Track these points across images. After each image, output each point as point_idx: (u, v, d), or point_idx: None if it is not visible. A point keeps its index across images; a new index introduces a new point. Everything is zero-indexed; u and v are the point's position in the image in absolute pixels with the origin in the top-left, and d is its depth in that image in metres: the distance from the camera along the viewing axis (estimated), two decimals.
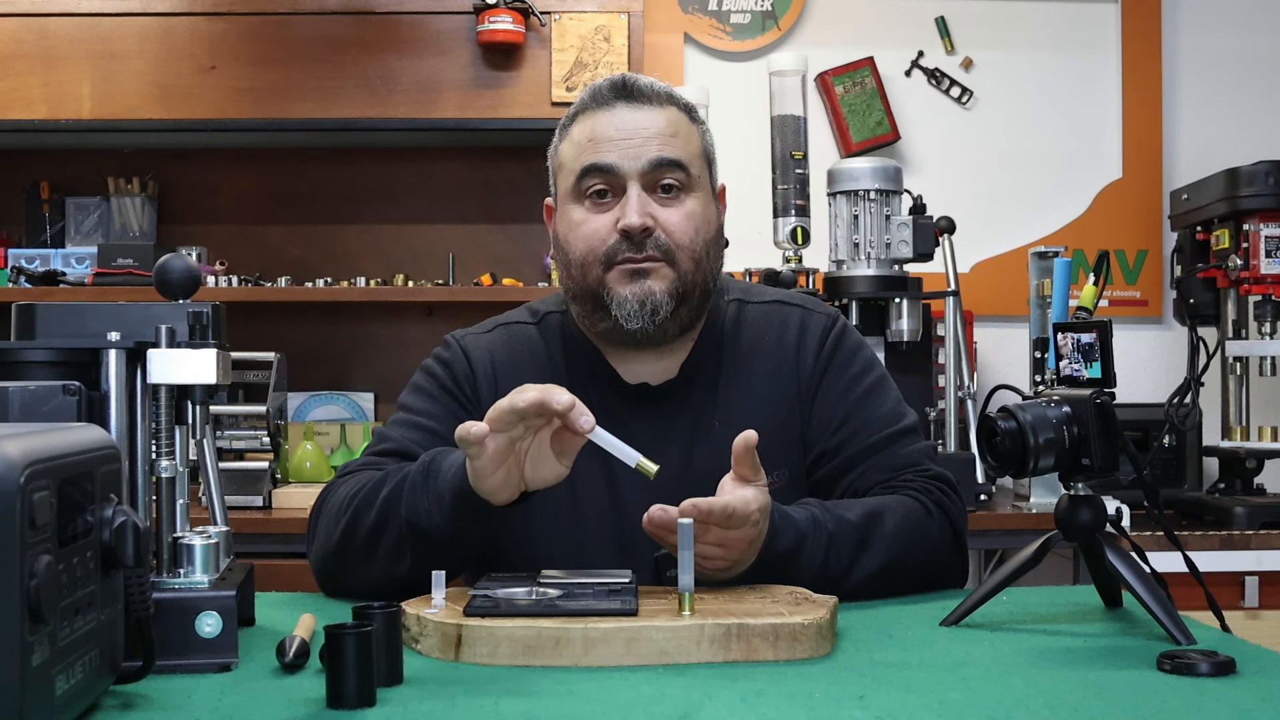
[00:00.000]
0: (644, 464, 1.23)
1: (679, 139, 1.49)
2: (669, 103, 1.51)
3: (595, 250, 1.48)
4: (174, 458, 1.11)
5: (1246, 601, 2.60)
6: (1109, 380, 1.21)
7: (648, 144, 1.47)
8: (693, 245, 1.48)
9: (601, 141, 1.48)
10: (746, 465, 1.26)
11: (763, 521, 1.28)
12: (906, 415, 1.56)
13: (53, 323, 1.14)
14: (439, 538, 1.32)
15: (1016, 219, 3.40)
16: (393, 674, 1.01)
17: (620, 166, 1.47)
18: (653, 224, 1.46)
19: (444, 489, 1.31)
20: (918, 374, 2.85)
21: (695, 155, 1.51)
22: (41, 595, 0.78)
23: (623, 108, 1.49)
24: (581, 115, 1.52)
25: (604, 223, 1.48)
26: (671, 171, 1.48)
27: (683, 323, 1.51)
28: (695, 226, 1.49)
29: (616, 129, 1.48)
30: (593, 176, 1.48)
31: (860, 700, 0.95)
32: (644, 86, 1.50)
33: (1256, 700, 0.95)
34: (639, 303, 1.46)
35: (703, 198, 1.51)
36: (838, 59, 3.38)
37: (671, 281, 1.47)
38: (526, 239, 3.36)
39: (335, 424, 3.16)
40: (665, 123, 1.49)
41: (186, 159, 3.37)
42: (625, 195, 1.47)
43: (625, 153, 1.47)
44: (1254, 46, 3.45)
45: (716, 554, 1.26)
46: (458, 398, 1.55)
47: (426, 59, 3.10)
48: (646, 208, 1.46)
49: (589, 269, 1.48)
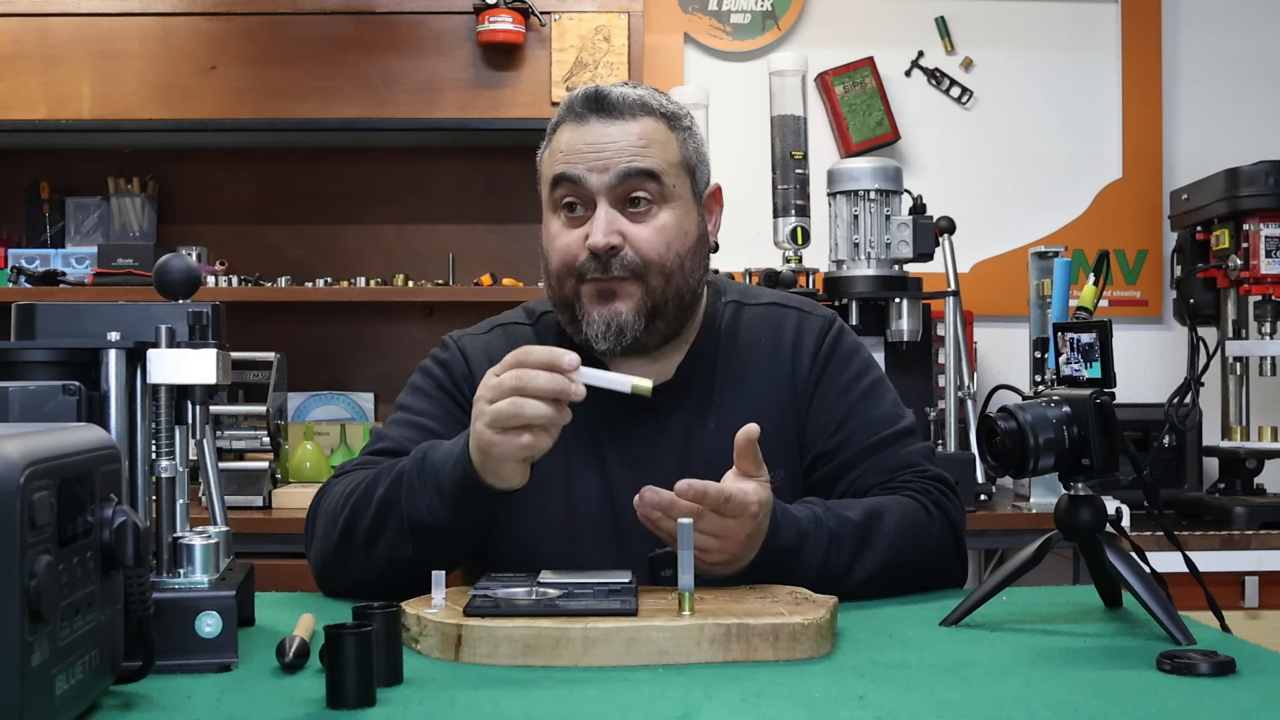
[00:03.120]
0: (639, 384, 1.24)
1: (652, 149, 1.48)
2: (643, 114, 1.49)
3: (569, 264, 1.48)
4: (174, 458, 1.11)
5: (1246, 601, 2.60)
6: (1109, 380, 1.21)
7: (616, 158, 1.46)
8: (663, 260, 1.47)
9: (571, 154, 1.47)
10: (748, 459, 1.26)
11: (762, 516, 1.28)
12: (904, 417, 1.56)
13: (53, 323, 1.14)
14: (445, 532, 1.32)
15: (1016, 219, 3.40)
16: (393, 674, 1.01)
17: (587, 180, 1.46)
18: (620, 241, 1.46)
19: (445, 481, 1.31)
20: (918, 374, 2.85)
21: (671, 164, 1.49)
22: (41, 595, 0.78)
23: (595, 121, 1.48)
24: (560, 126, 1.52)
25: (575, 238, 1.48)
26: (642, 183, 1.47)
27: (661, 335, 1.51)
28: (666, 241, 1.48)
29: (586, 143, 1.47)
30: (561, 187, 1.48)
31: (860, 700, 0.95)
32: (616, 99, 1.49)
33: (1256, 700, 0.95)
34: (605, 324, 1.47)
35: (678, 208, 1.50)
36: (838, 59, 3.38)
37: (639, 300, 1.47)
38: (526, 239, 3.36)
39: (335, 424, 3.15)
40: (637, 135, 1.47)
41: (186, 159, 3.37)
42: (595, 211, 1.47)
43: (593, 166, 1.46)
44: (1254, 47, 3.45)
45: (713, 545, 1.26)
46: (456, 398, 1.55)
47: (426, 59, 3.10)
48: (614, 224, 1.46)
49: (564, 281, 1.49)
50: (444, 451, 1.33)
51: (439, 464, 1.32)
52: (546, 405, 1.22)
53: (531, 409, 1.22)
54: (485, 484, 1.28)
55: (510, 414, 1.22)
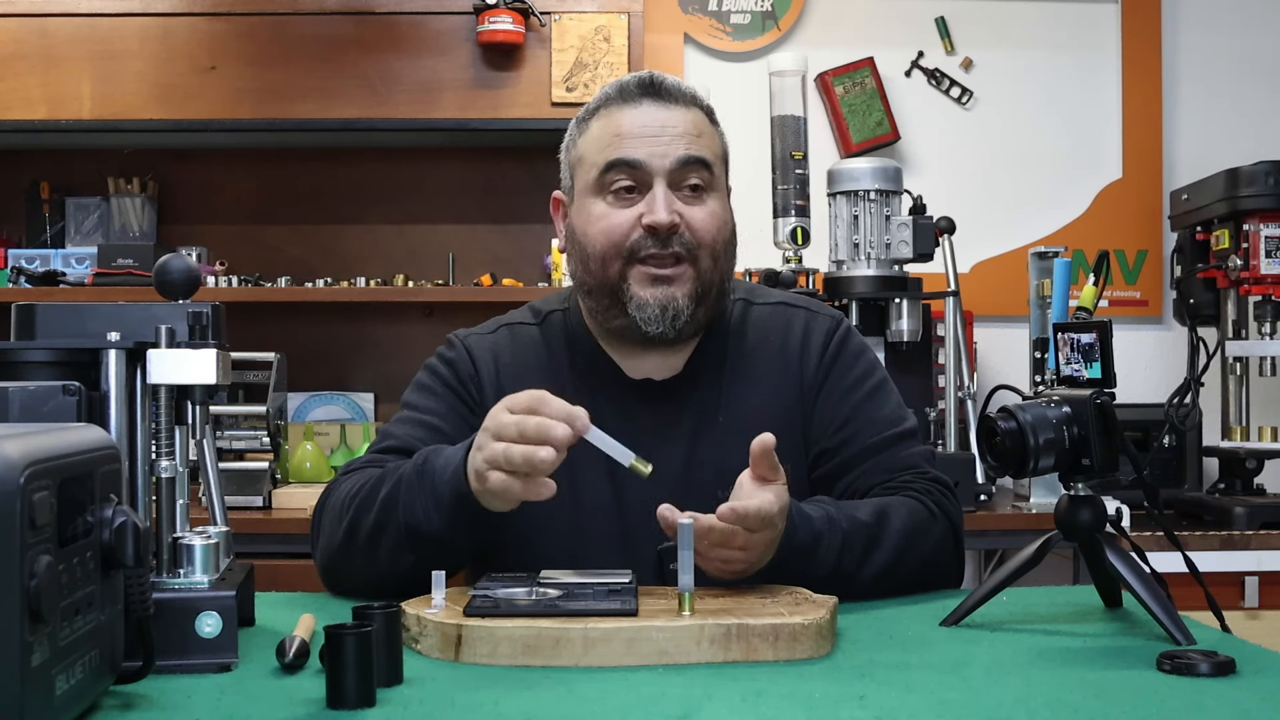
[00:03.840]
0: (637, 465, 1.23)
1: (704, 139, 1.51)
2: (693, 104, 1.53)
3: (617, 245, 1.48)
4: (174, 458, 1.11)
5: (1246, 601, 2.60)
6: (1109, 380, 1.21)
7: (675, 142, 1.48)
8: (714, 244, 1.50)
9: (628, 137, 1.48)
10: (765, 466, 1.26)
11: (780, 521, 1.28)
12: (907, 419, 1.57)
13: (53, 323, 1.14)
14: (440, 539, 1.32)
15: (1016, 219, 3.40)
16: (393, 674, 1.01)
17: (648, 163, 1.47)
18: (679, 221, 1.47)
19: (443, 491, 1.30)
20: (918, 374, 2.85)
21: (717, 156, 1.53)
22: (41, 595, 0.78)
23: (649, 105, 1.50)
24: (604, 110, 1.52)
25: (626, 217, 1.48)
26: (698, 170, 1.49)
27: (699, 323, 1.52)
28: (718, 226, 1.50)
29: (643, 125, 1.49)
30: (618, 171, 1.48)
31: (860, 700, 0.95)
32: (671, 86, 1.52)
33: (1256, 700, 0.95)
34: (660, 308, 1.47)
35: (722, 198, 1.53)
36: (838, 59, 3.38)
37: (693, 283, 1.48)
38: (526, 239, 3.36)
39: (335, 424, 3.16)
40: (691, 123, 1.51)
41: (186, 159, 3.37)
42: (651, 192, 1.47)
43: (653, 150, 1.47)
44: (1254, 47, 3.45)
45: (738, 557, 1.26)
46: (462, 396, 1.55)
47: (426, 59, 3.10)
48: (673, 205, 1.47)
49: (609, 263, 1.48)
50: (444, 460, 1.32)
51: (438, 472, 1.31)
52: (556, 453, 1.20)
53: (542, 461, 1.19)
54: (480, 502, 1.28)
55: (520, 461, 1.20)
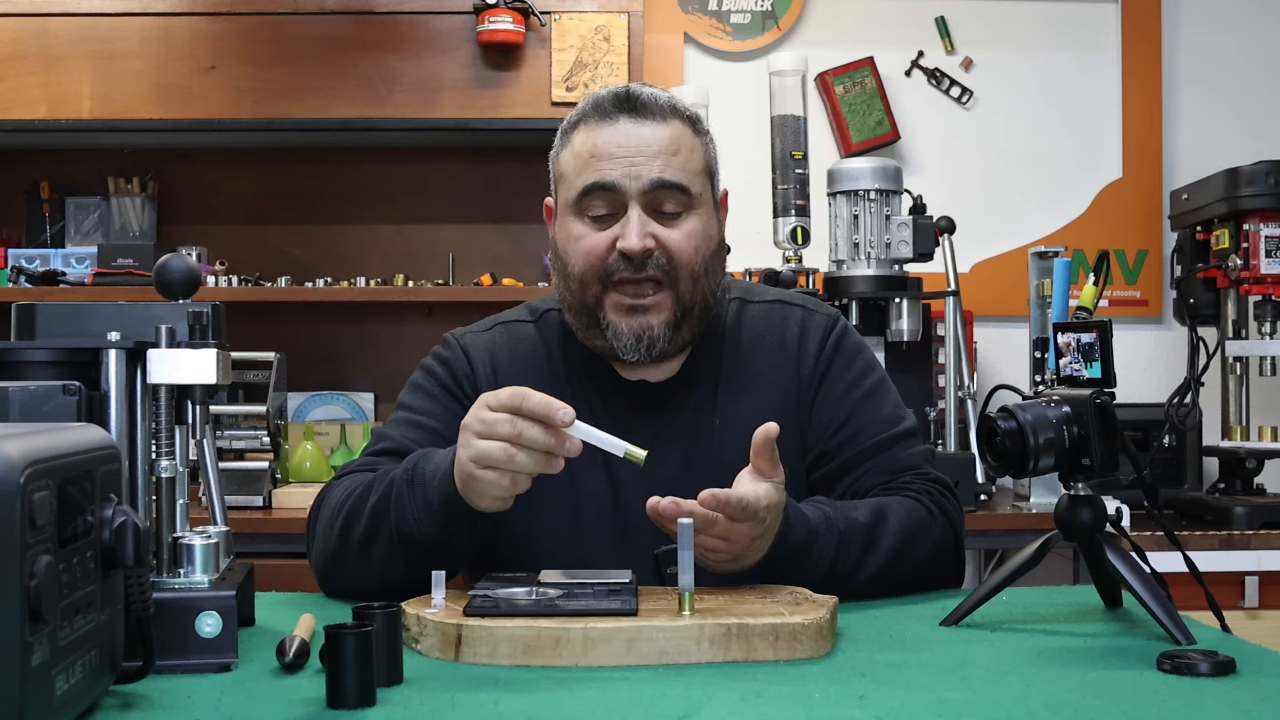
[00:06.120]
0: (632, 451, 1.22)
1: (681, 156, 1.47)
2: (672, 116, 1.49)
3: (595, 268, 1.46)
4: (174, 458, 1.11)
5: (1246, 601, 2.60)
6: (1109, 380, 1.21)
7: (650, 162, 1.45)
8: (692, 264, 1.47)
9: (604, 158, 1.46)
10: (765, 459, 1.26)
11: (770, 519, 1.27)
12: (906, 418, 1.57)
13: (53, 323, 1.14)
14: (432, 544, 1.31)
15: (1016, 219, 3.40)
16: (393, 674, 1.01)
17: (622, 185, 1.45)
18: (653, 244, 1.45)
19: (433, 496, 1.30)
20: (918, 374, 2.85)
21: (697, 172, 1.49)
22: (41, 595, 0.78)
23: (625, 121, 1.47)
24: (584, 124, 1.49)
25: (602, 240, 1.46)
26: (672, 195, 1.46)
27: (683, 342, 1.51)
28: (695, 245, 1.47)
29: (619, 145, 1.45)
30: (594, 196, 1.46)
31: (860, 700, 0.95)
32: (647, 99, 1.48)
33: (1256, 700, 0.95)
34: (635, 337, 1.46)
35: (704, 214, 1.50)
36: (838, 59, 3.38)
37: (670, 310, 1.47)
38: (526, 239, 3.36)
39: (335, 424, 3.15)
40: (668, 139, 1.47)
41: (186, 159, 3.36)
42: (626, 214, 1.45)
43: (627, 170, 1.45)
44: (1254, 47, 3.45)
45: (719, 546, 1.26)
46: (457, 396, 1.54)
47: (426, 59, 3.10)
48: (647, 228, 1.45)
49: (587, 286, 1.47)
50: (435, 464, 1.31)
51: (429, 476, 1.31)
52: (538, 456, 1.21)
53: (522, 462, 1.20)
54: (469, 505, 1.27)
55: (499, 459, 1.21)
